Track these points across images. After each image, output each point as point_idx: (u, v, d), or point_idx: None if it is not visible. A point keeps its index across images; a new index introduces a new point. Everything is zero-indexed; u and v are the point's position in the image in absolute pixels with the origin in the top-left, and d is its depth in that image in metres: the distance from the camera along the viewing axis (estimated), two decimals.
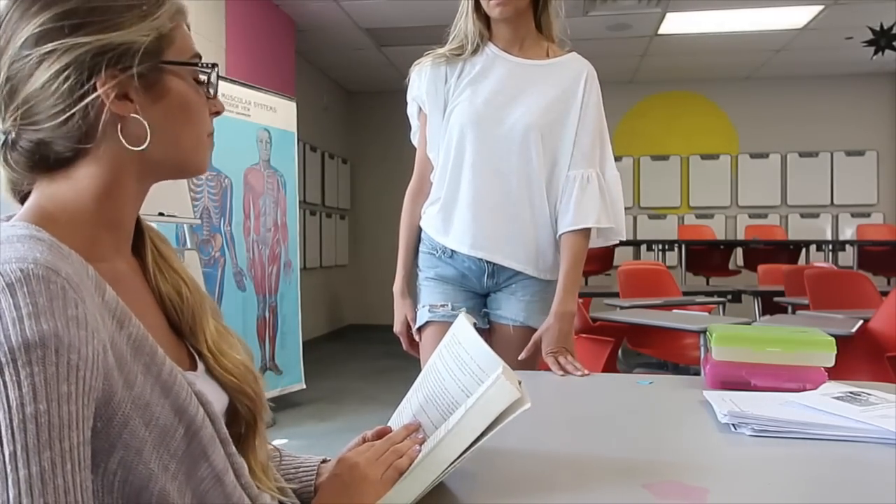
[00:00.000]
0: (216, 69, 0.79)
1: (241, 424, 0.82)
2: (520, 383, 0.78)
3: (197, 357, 0.80)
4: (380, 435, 0.91)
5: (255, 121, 4.30)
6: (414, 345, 1.89)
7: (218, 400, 0.78)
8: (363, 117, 8.65)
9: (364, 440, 0.92)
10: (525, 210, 1.77)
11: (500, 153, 1.76)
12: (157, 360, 0.68)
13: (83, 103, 0.68)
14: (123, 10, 0.69)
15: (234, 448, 0.75)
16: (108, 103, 0.69)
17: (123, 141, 0.70)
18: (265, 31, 5.42)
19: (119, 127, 0.70)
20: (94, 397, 0.60)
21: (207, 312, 0.82)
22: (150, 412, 0.65)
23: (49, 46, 0.67)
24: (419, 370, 0.99)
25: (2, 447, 0.55)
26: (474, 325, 0.95)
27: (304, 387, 4.67)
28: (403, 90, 1.91)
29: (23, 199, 0.74)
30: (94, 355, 0.60)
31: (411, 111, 1.93)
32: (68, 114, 0.68)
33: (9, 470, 0.55)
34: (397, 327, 1.91)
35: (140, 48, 0.69)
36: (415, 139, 1.93)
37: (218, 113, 0.80)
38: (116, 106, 0.69)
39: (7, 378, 0.56)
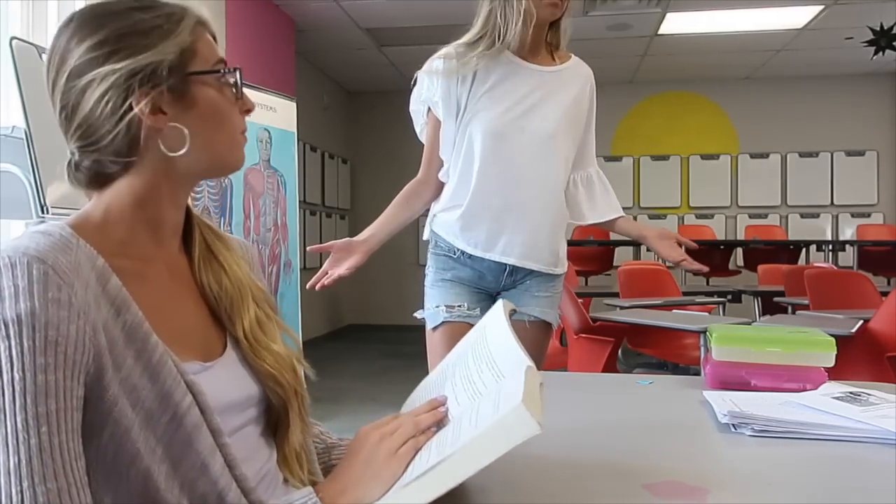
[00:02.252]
0: (239, 72, 0.84)
1: (276, 413, 0.88)
2: (541, 385, 0.75)
3: (231, 344, 0.86)
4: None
5: (255, 121, 4.30)
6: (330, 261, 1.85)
7: (242, 388, 0.84)
8: (363, 117, 8.65)
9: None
10: (547, 215, 1.85)
11: (523, 162, 1.81)
12: (148, 348, 0.73)
13: (124, 122, 0.76)
14: (147, 32, 0.77)
15: (227, 440, 0.77)
16: (145, 119, 0.77)
17: (164, 150, 0.79)
18: (265, 31, 5.42)
19: (159, 138, 0.78)
20: (80, 371, 0.66)
21: (249, 302, 0.88)
22: (136, 395, 0.70)
23: (89, 76, 0.76)
24: (419, 370, 0.99)
25: None
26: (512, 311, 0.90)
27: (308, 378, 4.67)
28: (404, 90, 1.91)
29: None
30: (78, 333, 0.66)
31: (417, 110, 1.92)
32: (114, 133, 0.77)
33: None
34: (324, 244, 1.84)
35: (166, 65, 0.77)
36: (422, 136, 1.95)
37: (249, 111, 0.86)
38: (152, 120, 0.77)
39: None
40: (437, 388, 0.90)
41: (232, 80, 0.84)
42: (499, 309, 0.91)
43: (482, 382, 0.82)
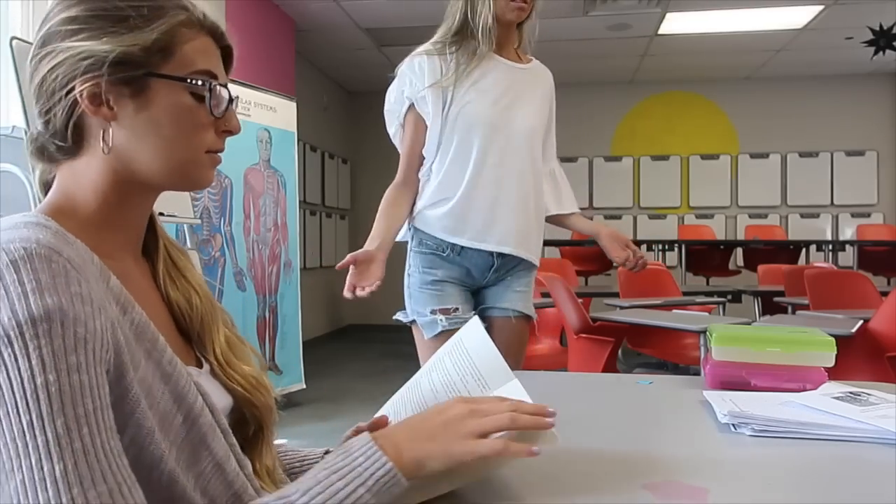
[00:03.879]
0: (215, 87, 0.77)
1: (248, 429, 0.84)
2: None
3: (203, 359, 0.82)
4: (376, 425, 0.83)
5: (255, 121, 4.30)
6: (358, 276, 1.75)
7: (220, 400, 0.79)
8: (363, 117, 8.65)
9: (357, 430, 0.86)
10: (532, 204, 1.90)
11: (514, 153, 1.85)
12: (158, 347, 0.71)
13: (63, 102, 0.73)
14: (119, 20, 0.73)
15: (234, 439, 0.76)
16: (83, 105, 0.73)
17: (102, 144, 0.74)
18: (265, 31, 5.43)
19: (102, 132, 0.74)
20: (104, 369, 0.63)
21: (219, 323, 0.84)
22: (151, 396, 0.68)
23: (49, 48, 0.73)
24: (418, 370, 0.99)
25: (19, 417, 0.58)
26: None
27: (304, 387, 4.67)
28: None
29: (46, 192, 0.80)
30: (102, 329, 0.63)
31: (393, 109, 1.92)
32: (53, 111, 0.73)
33: (28, 438, 0.58)
34: (347, 259, 1.73)
35: (123, 58, 0.72)
36: (396, 137, 1.95)
37: (228, 132, 0.80)
38: (91, 110, 0.73)
39: (16, 351, 0.59)
40: (416, 395, 0.91)
41: (207, 94, 0.77)
42: (476, 324, 0.91)
43: (467, 391, 0.84)
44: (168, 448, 0.68)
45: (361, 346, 7.31)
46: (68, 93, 0.72)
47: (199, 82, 0.76)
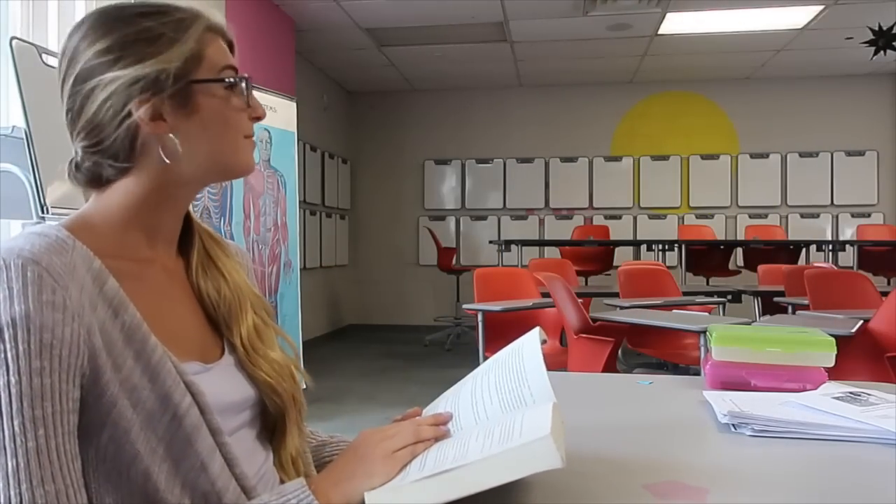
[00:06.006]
0: (244, 79, 0.84)
1: (272, 417, 0.89)
2: (562, 422, 0.78)
3: (229, 349, 0.87)
4: (408, 417, 0.90)
5: None
6: None
7: (238, 391, 0.85)
8: (363, 117, 8.65)
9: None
10: None
11: None
12: (147, 348, 0.74)
13: (123, 127, 0.78)
14: (153, 40, 0.78)
15: (227, 438, 0.78)
16: (143, 125, 0.78)
17: (164, 157, 0.79)
18: (265, 31, 5.42)
19: (160, 144, 0.79)
20: (76, 373, 0.67)
21: (247, 310, 0.89)
22: (136, 396, 0.71)
23: (93, 82, 0.78)
24: (419, 370, 0.99)
25: None
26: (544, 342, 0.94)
27: (305, 387, 4.67)
28: (404, 90, 1.92)
29: None
30: (73, 336, 0.67)
31: None
32: (112, 137, 0.78)
33: None
34: None
35: (169, 74, 0.78)
36: None
37: (258, 118, 0.86)
38: (151, 127, 0.79)
39: None
40: (465, 394, 0.92)
41: (243, 87, 0.84)
42: (535, 335, 0.92)
43: (514, 396, 0.86)
44: (146, 447, 0.71)
45: (361, 346, 7.31)
46: (125, 117, 0.77)
47: (232, 79, 0.83)
